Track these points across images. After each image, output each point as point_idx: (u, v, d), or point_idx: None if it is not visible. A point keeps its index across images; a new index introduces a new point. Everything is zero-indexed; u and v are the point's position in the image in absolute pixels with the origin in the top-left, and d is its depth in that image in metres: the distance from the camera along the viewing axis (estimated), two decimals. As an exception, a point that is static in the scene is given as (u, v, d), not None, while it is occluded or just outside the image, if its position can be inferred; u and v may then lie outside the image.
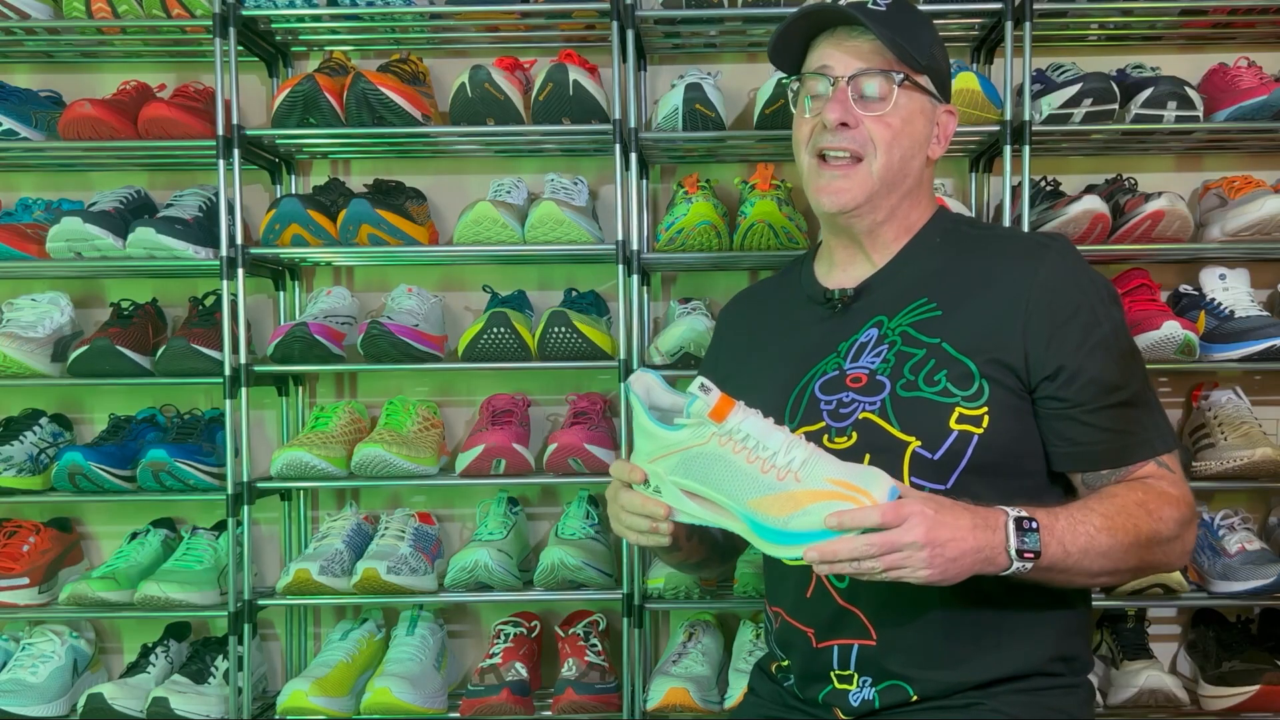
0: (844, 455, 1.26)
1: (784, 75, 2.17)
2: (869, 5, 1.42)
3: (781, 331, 1.56)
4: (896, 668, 1.37)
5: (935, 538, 1.19)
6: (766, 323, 1.60)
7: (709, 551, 1.59)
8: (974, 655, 1.37)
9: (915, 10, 1.49)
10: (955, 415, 1.34)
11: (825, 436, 1.39)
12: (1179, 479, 1.40)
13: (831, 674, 1.41)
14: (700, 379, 1.24)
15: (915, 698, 1.37)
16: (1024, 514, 1.26)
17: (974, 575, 1.24)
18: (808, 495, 1.19)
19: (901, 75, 1.42)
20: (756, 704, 1.57)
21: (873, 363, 1.41)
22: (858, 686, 1.39)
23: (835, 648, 1.40)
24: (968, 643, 1.37)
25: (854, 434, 1.38)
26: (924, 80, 1.45)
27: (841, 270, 1.52)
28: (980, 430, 1.34)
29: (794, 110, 1.50)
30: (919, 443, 1.35)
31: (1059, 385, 1.36)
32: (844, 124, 1.42)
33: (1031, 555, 1.24)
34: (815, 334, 1.49)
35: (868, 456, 1.32)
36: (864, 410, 1.38)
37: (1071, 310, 1.36)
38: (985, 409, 1.34)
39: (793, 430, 1.37)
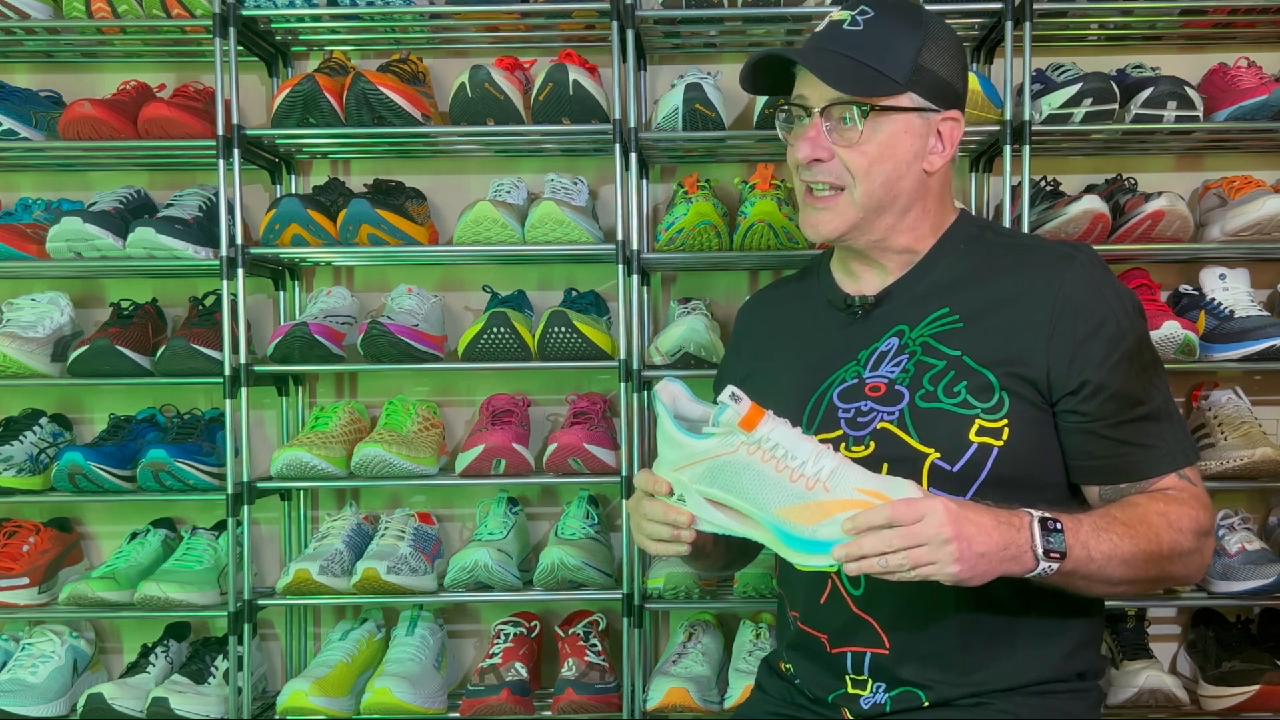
0: (861, 464, 1.24)
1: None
2: (844, 26, 1.38)
3: (801, 335, 1.53)
4: (910, 675, 1.37)
5: (961, 531, 1.17)
6: (786, 325, 1.57)
7: (733, 555, 1.61)
8: (987, 664, 1.36)
9: (904, 19, 1.38)
10: (975, 428, 1.33)
11: (842, 445, 1.37)
12: (1200, 491, 1.38)
13: (846, 678, 1.40)
14: (731, 388, 1.23)
15: (927, 704, 1.37)
16: (1048, 515, 1.25)
17: (998, 578, 1.22)
18: (837, 504, 1.17)
19: (867, 107, 1.36)
20: (763, 700, 1.56)
21: (892, 372, 1.39)
22: (870, 692, 1.39)
23: (849, 654, 1.39)
24: (981, 651, 1.36)
25: (871, 443, 1.36)
26: (905, 99, 1.37)
27: (859, 278, 1.49)
28: (1000, 443, 1.32)
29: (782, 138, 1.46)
30: (938, 454, 1.33)
31: (1081, 400, 1.34)
32: (817, 159, 1.39)
33: (1057, 556, 1.23)
34: (835, 340, 1.47)
35: (885, 466, 1.30)
36: (882, 420, 1.37)
37: (1096, 324, 1.34)
38: (1005, 421, 1.33)
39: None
